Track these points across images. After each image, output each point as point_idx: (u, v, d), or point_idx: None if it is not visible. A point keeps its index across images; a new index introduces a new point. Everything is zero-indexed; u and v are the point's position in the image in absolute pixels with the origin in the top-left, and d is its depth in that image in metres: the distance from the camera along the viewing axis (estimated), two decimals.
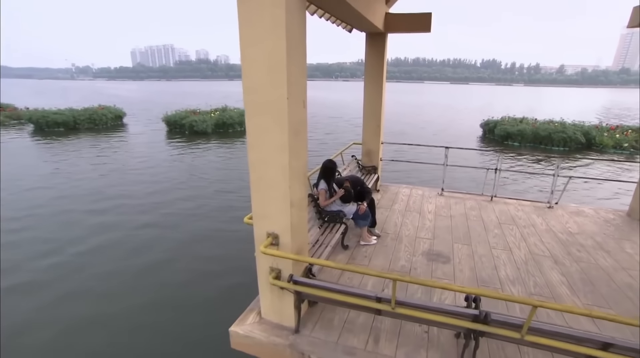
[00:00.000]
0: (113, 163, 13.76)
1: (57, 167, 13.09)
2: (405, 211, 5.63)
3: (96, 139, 19.19)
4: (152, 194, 9.99)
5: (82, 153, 15.48)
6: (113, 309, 4.99)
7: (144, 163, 13.96)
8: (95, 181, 11.23)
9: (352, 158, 6.50)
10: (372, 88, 6.08)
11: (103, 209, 8.74)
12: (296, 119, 2.48)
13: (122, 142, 18.58)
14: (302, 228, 2.89)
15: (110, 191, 10.23)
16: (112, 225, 7.78)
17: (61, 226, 7.68)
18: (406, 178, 10.96)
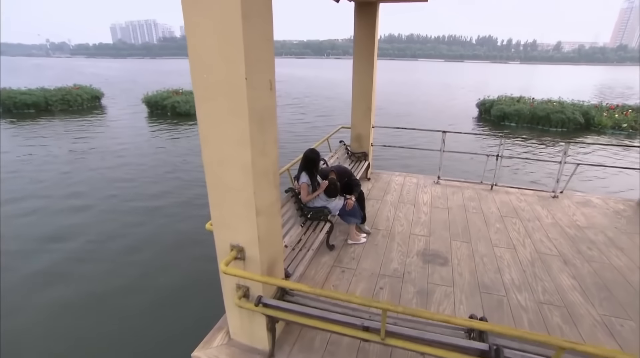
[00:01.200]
0: (83, 154, 12.93)
1: (22, 153, 12.31)
2: (398, 203, 5.21)
3: (66, 123, 18.23)
4: (113, 198, 8.42)
5: (46, 140, 14.63)
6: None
7: (123, 148, 13.23)
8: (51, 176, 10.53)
9: (340, 143, 6.01)
10: (362, 66, 5.53)
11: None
12: (260, 104, 1.97)
13: (95, 126, 17.68)
14: (274, 239, 2.44)
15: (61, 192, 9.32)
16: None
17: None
18: (400, 165, 10.52)
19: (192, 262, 5.49)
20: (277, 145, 2.26)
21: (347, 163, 5.88)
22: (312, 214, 3.93)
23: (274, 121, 2.18)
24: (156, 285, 4.98)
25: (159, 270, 5.34)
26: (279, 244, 2.53)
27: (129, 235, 6.37)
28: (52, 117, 19.48)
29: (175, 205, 7.85)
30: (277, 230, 2.46)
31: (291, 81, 43.51)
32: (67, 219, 7.07)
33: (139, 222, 6.92)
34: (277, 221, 2.45)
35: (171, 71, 67.21)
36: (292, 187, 3.94)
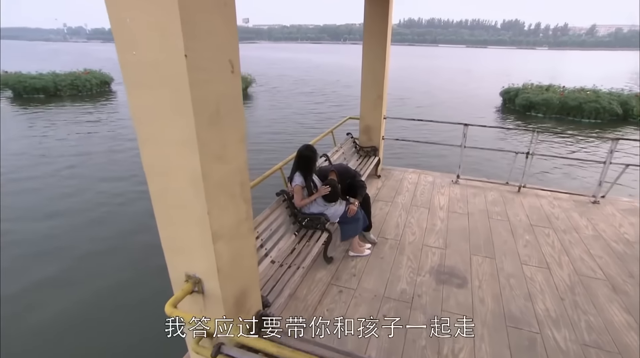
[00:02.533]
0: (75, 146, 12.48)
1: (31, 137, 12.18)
2: (410, 206, 4.64)
3: (72, 109, 18.13)
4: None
5: (43, 129, 14.51)
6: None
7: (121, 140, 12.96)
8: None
9: (347, 136, 5.44)
10: (373, 50, 4.90)
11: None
12: (213, 92, 1.45)
13: (99, 113, 17.53)
14: (244, 266, 1.94)
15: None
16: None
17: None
18: (415, 163, 9.71)
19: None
20: (244, 147, 1.73)
21: (355, 159, 5.32)
22: (308, 222, 3.41)
23: (239, 114, 1.65)
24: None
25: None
26: (251, 271, 2.03)
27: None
28: (61, 102, 19.47)
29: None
30: (248, 254, 1.95)
31: (307, 67, 42.60)
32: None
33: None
34: (248, 244, 1.94)
35: None
36: (285, 189, 3.42)
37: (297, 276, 2.81)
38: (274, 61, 54.74)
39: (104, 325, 4.02)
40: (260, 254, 2.89)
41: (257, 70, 33.07)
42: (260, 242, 2.91)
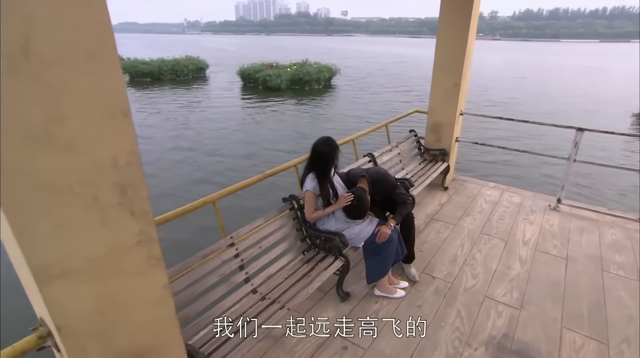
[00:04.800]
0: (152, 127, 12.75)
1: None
2: (480, 234, 3.47)
3: (167, 91, 19.81)
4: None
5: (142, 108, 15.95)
6: None
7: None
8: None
9: (410, 133, 4.41)
10: (451, 24, 3.77)
11: None
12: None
13: (190, 96, 18.79)
14: (136, 319, 1.25)
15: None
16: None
17: None
18: (499, 176, 7.72)
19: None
20: (129, 121, 1.03)
21: (415, 163, 4.27)
22: (320, 242, 2.60)
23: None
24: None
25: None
26: (157, 324, 1.33)
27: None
28: (162, 85, 21.60)
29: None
30: (147, 299, 1.26)
31: (399, 61, 40.50)
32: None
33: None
34: (149, 282, 1.24)
35: (280, 46, 70.19)
36: (296, 195, 2.65)
37: (280, 315, 2.04)
38: (366, 53, 53.79)
39: None
40: (235, 279, 2.19)
41: (344, 62, 32.64)
42: (239, 262, 2.21)
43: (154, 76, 23.21)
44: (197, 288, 1.96)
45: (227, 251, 2.14)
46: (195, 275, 1.96)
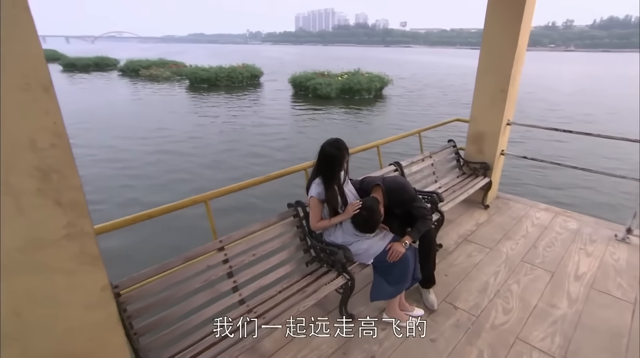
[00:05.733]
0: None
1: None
2: (520, 263, 3.00)
3: (221, 97, 20.72)
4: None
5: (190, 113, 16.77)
6: None
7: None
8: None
9: (448, 143, 4.02)
10: (499, 18, 3.37)
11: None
12: None
13: (241, 102, 19.46)
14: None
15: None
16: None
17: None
18: (550, 196, 6.81)
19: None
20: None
21: (452, 176, 3.87)
22: (324, 255, 2.37)
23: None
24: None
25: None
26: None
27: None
28: (218, 90, 22.74)
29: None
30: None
31: (459, 73, 38.84)
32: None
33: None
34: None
35: (336, 56, 71.01)
36: (302, 202, 2.45)
37: (264, 332, 1.84)
38: (424, 64, 52.52)
39: None
40: (221, 287, 2.02)
41: (400, 73, 32.06)
42: (228, 269, 2.05)
43: (211, 82, 24.51)
44: (175, 293, 1.83)
45: (214, 256, 2.00)
46: (175, 277, 1.83)
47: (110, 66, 35.66)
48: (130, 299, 1.68)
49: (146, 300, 1.73)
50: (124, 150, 10.05)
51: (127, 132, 12.02)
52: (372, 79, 21.11)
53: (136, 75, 29.57)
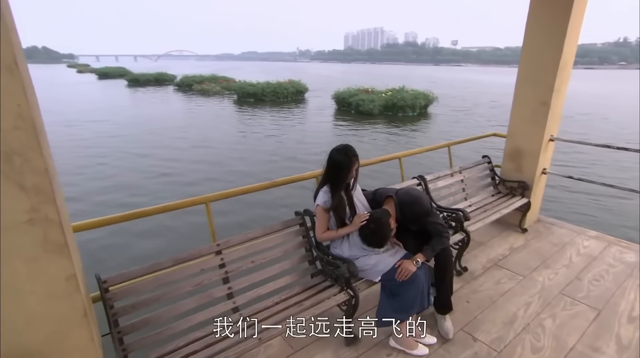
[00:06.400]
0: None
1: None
2: (558, 295, 2.64)
3: (266, 110, 21.38)
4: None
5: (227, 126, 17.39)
6: None
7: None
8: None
9: (483, 158, 3.74)
10: (541, 22, 3.11)
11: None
12: None
13: (283, 116, 19.91)
14: None
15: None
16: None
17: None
18: (601, 222, 6.12)
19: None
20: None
21: (485, 194, 3.57)
22: (328, 269, 2.23)
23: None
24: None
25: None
26: None
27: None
28: (263, 105, 23.56)
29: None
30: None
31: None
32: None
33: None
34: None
35: (383, 74, 70.95)
36: (311, 211, 2.35)
37: (252, 343, 1.74)
38: (475, 83, 50.88)
39: None
40: (215, 293, 1.96)
41: (447, 92, 31.27)
42: (224, 274, 1.99)
43: (257, 96, 25.46)
44: (165, 294, 1.80)
45: (209, 260, 1.95)
46: (167, 278, 1.80)
47: (168, 81, 38.42)
48: (117, 296, 1.68)
49: (134, 298, 1.72)
50: (172, 160, 10.58)
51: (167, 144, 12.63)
52: (417, 96, 20.72)
53: (189, 89, 31.56)
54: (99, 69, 57.72)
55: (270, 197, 6.98)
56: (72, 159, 10.31)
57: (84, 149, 11.74)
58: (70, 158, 10.35)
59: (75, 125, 16.01)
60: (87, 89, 35.18)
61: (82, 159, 10.51)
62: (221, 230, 2.22)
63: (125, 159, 10.55)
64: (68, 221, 1.35)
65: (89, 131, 14.79)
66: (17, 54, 0.94)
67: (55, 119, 16.41)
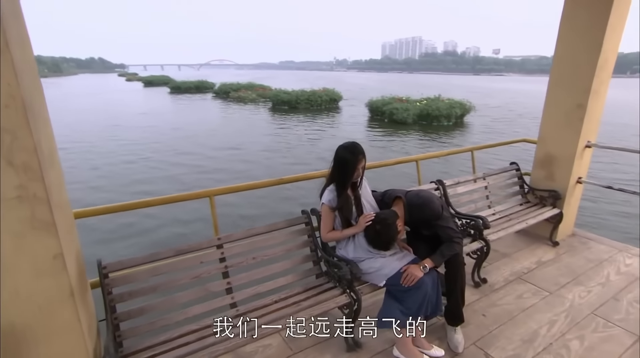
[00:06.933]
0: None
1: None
2: (591, 315, 2.40)
3: (299, 119, 21.64)
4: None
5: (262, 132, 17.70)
6: None
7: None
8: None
9: (510, 165, 3.52)
10: (577, 17, 2.90)
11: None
12: None
13: (315, 123, 20.04)
14: None
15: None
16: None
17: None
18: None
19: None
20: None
21: (512, 203, 3.36)
22: (332, 270, 2.17)
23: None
24: None
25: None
26: None
27: None
28: (296, 113, 23.91)
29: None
30: None
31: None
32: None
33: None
34: None
35: (420, 83, 69.77)
36: (318, 210, 2.31)
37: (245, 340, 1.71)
38: (519, 93, 48.92)
39: None
40: (213, 287, 1.96)
41: (486, 102, 30.25)
42: (223, 268, 1.98)
43: (291, 104, 25.87)
44: (163, 284, 1.82)
45: (210, 253, 1.96)
46: (164, 268, 1.82)
47: (207, 89, 40.05)
48: (116, 282, 1.71)
49: (132, 286, 1.75)
50: (210, 157, 11.22)
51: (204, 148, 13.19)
52: (453, 105, 20.15)
53: (227, 97, 32.68)
54: (145, 77, 61.70)
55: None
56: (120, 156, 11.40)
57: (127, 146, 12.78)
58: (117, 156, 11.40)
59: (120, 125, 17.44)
60: (132, 96, 37.45)
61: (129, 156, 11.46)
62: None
63: (158, 160, 11.28)
64: (66, 204, 1.39)
65: (132, 133, 15.84)
66: (9, 36, 0.99)
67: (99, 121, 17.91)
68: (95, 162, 10.84)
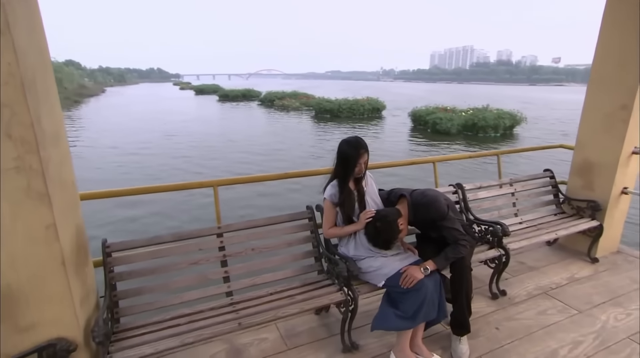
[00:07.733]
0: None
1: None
2: (627, 340, 2.14)
3: (338, 127, 21.73)
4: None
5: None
6: None
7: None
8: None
9: (544, 172, 3.27)
10: (622, 14, 2.66)
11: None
12: None
13: (355, 131, 20.01)
14: None
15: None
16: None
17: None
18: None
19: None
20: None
21: (545, 213, 3.11)
22: (329, 265, 2.14)
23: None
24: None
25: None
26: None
27: None
28: (338, 121, 24.06)
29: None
30: None
31: None
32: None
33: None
34: None
35: (469, 94, 67.33)
36: (323, 206, 2.30)
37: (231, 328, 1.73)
38: (580, 104, 45.54)
39: None
40: (210, 274, 2.00)
41: (542, 114, 28.53)
42: (222, 257, 2.03)
43: (333, 113, 26.09)
44: (162, 268, 1.90)
45: (209, 240, 2.01)
46: (164, 252, 1.90)
47: (254, 97, 41.61)
48: (118, 261, 1.82)
49: (132, 266, 1.84)
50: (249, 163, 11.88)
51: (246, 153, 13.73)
52: (501, 115, 19.13)
53: (271, 105, 33.70)
54: (196, 86, 65.84)
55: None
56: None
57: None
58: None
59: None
60: (184, 103, 39.86)
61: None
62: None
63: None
64: (69, 182, 1.50)
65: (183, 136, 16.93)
66: (10, 20, 1.11)
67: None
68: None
